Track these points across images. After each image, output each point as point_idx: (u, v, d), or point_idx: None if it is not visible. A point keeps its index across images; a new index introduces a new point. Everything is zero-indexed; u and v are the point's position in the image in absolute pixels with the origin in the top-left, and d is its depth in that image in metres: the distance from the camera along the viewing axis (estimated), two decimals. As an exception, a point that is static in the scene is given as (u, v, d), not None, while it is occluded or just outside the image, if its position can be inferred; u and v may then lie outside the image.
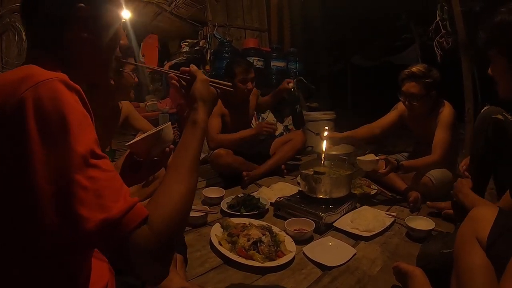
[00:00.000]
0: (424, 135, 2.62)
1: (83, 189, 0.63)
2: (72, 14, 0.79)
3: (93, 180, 0.65)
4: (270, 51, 5.42)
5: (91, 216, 0.62)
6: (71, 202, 0.62)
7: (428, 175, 2.40)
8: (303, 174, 2.33)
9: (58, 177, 0.63)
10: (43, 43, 0.81)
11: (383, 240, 1.97)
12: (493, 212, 1.14)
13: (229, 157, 2.97)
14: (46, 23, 0.80)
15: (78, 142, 0.65)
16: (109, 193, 0.66)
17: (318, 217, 2.07)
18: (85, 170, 0.64)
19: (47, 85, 0.65)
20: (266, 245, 1.74)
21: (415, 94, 2.44)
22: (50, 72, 0.70)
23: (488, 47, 1.34)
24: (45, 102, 0.64)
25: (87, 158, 0.65)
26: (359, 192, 2.64)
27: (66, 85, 0.68)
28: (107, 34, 0.87)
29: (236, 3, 6.09)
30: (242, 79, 3.08)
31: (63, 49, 0.82)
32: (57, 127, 0.64)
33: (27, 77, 0.66)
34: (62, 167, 0.63)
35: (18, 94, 0.64)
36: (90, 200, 0.63)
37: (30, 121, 0.62)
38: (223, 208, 2.36)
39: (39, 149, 0.62)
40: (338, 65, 8.08)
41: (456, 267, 1.15)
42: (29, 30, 0.83)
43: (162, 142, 1.09)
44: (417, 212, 2.34)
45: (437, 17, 3.60)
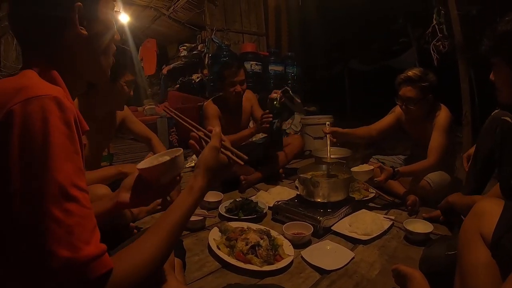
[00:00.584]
0: (421, 138, 2.63)
1: (56, 222, 0.61)
2: (71, 13, 0.79)
3: (68, 214, 0.62)
4: (268, 55, 5.45)
5: (58, 253, 0.60)
6: (41, 234, 0.60)
7: (426, 178, 2.40)
8: (301, 178, 2.33)
9: (32, 203, 0.61)
10: (38, 44, 0.80)
11: (381, 244, 1.97)
12: (498, 205, 1.09)
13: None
14: (43, 24, 0.79)
15: (59, 171, 0.63)
16: (81, 232, 0.64)
17: (316, 220, 2.07)
18: (61, 202, 0.62)
19: (38, 102, 0.64)
20: (264, 249, 1.74)
21: (412, 98, 2.45)
22: (46, 86, 0.69)
23: (491, 55, 1.35)
24: (32, 121, 0.62)
25: (65, 189, 0.63)
26: (357, 196, 2.65)
27: (59, 105, 0.66)
28: (103, 31, 0.88)
29: (234, 8, 6.11)
30: (230, 82, 3.07)
31: (60, 49, 0.81)
32: (40, 150, 0.62)
33: (22, 89, 0.65)
34: (38, 194, 0.61)
35: (8, 106, 0.62)
36: (61, 235, 0.61)
37: (14, 137, 0.61)
38: (221, 212, 2.35)
39: (17, 170, 0.60)
40: (335, 69, 8.09)
41: (459, 264, 1.13)
42: (22, 32, 0.82)
43: (172, 170, 1.08)
44: (415, 216, 2.34)
45: (433, 21, 3.62)
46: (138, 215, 2.27)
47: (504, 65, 1.30)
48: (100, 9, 0.86)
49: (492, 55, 1.35)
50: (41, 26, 0.79)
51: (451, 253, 1.31)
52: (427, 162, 2.39)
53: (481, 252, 1.05)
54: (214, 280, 1.62)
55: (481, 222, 1.08)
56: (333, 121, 4.48)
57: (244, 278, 1.63)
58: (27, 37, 0.82)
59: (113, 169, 1.99)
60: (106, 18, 0.88)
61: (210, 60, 5.27)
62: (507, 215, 1.04)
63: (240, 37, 6.15)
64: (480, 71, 3.71)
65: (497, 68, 1.36)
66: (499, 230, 1.02)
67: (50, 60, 0.80)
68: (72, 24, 0.80)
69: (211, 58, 5.25)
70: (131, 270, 0.70)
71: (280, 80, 5.39)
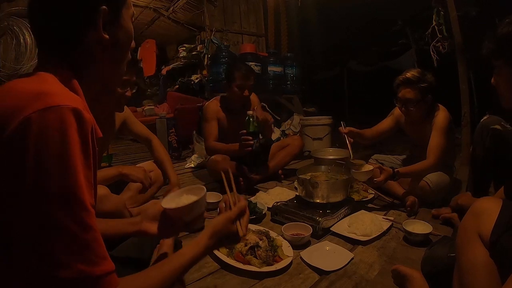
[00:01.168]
0: (420, 139, 2.63)
1: (72, 236, 0.61)
2: (95, 15, 0.79)
3: (85, 228, 0.63)
4: (267, 56, 5.44)
5: (71, 264, 0.60)
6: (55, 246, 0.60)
7: (425, 179, 2.40)
8: (301, 179, 2.33)
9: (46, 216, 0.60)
10: (58, 44, 0.79)
11: (381, 244, 1.97)
12: (497, 204, 1.08)
13: (226, 163, 2.97)
14: (66, 24, 0.78)
15: (76, 184, 0.62)
16: (98, 246, 0.65)
17: (316, 221, 2.07)
18: (78, 216, 0.62)
19: (57, 112, 0.62)
20: (264, 250, 1.74)
21: (411, 100, 2.45)
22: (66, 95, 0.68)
23: (493, 57, 1.34)
24: (50, 132, 0.61)
25: (83, 203, 0.63)
26: (356, 196, 2.65)
27: (77, 117, 0.65)
28: (124, 39, 0.88)
29: (234, 8, 6.11)
30: (240, 84, 3.03)
31: (80, 51, 0.81)
32: (57, 161, 0.61)
33: (41, 95, 0.64)
34: (54, 207, 0.60)
35: (26, 112, 0.61)
36: (76, 248, 0.61)
37: (30, 146, 0.60)
38: (220, 213, 2.34)
39: (32, 180, 0.59)
40: (334, 70, 8.10)
41: (457, 263, 1.13)
42: (41, 32, 0.81)
43: (196, 210, 1.14)
44: (414, 216, 2.34)
45: (433, 22, 3.63)
46: (136, 216, 2.27)
47: (507, 67, 1.29)
48: (123, 16, 0.87)
49: (494, 57, 1.33)
50: (63, 26, 0.78)
51: (453, 254, 1.30)
52: (427, 163, 2.39)
53: (479, 252, 1.04)
54: (213, 281, 1.61)
55: (479, 221, 1.08)
56: (332, 122, 4.50)
57: (243, 279, 1.63)
58: (47, 37, 0.80)
59: (113, 170, 1.99)
60: (128, 25, 0.89)
61: (210, 61, 5.26)
62: (505, 214, 1.04)
63: (239, 38, 6.15)
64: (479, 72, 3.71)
65: (499, 72, 1.34)
66: (497, 230, 1.01)
67: (67, 62, 0.79)
68: (95, 26, 0.80)
69: (210, 59, 5.25)
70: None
71: (279, 81, 5.39)
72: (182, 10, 6.09)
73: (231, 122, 3.23)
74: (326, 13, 6.63)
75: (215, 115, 3.16)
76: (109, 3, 0.80)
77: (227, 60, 4.90)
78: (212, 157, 3.02)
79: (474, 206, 1.14)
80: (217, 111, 3.18)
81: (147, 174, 2.05)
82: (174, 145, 4.63)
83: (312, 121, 4.57)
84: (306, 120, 4.68)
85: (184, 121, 4.94)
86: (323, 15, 6.69)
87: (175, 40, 7.74)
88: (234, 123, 3.23)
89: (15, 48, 4.75)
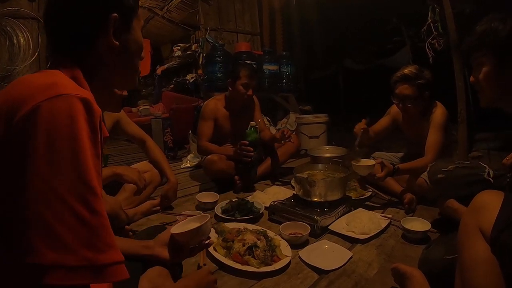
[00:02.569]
0: (417, 136, 2.62)
1: (81, 220, 0.60)
2: (106, 22, 0.83)
3: (94, 214, 0.62)
4: (262, 54, 5.43)
5: (78, 250, 0.59)
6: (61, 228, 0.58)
7: (423, 176, 2.39)
8: (298, 178, 2.31)
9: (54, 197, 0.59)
10: (70, 48, 0.83)
11: (379, 243, 1.96)
12: (498, 198, 1.07)
13: (222, 163, 2.95)
14: (78, 29, 0.82)
15: (86, 170, 0.62)
16: (106, 234, 0.64)
17: (313, 220, 2.06)
18: (87, 199, 0.62)
19: (67, 100, 0.63)
20: (262, 250, 1.72)
21: (409, 96, 2.44)
22: (76, 87, 0.70)
23: (473, 50, 1.36)
24: (60, 118, 0.62)
25: (93, 188, 0.63)
26: (354, 194, 2.64)
27: (86, 106, 0.66)
28: (133, 47, 0.92)
29: (228, 7, 6.10)
30: (245, 83, 3.04)
31: (91, 55, 0.84)
32: (68, 146, 0.61)
33: (52, 85, 0.65)
34: (64, 191, 0.60)
35: (36, 100, 0.62)
36: (84, 234, 0.60)
37: (40, 132, 0.60)
38: (217, 213, 2.33)
39: (43, 165, 0.59)
40: (330, 68, 8.09)
41: (459, 259, 1.12)
42: (54, 35, 0.84)
43: (200, 235, 1.28)
44: (412, 214, 2.33)
45: (428, 19, 3.63)
46: (133, 217, 2.25)
47: (485, 58, 1.31)
48: (133, 26, 0.91)
49: (474, 50, 1.35)
50: (76, 31, 0.82)
51: (449, 257, 1.29)
52: (425, 160, 2.38)
53: (480, 247, 1.03)
54: (211, 282, 1.60)
55: (480, 216, 1.07)
56: (328, 120, 4.49)
57: (242, 279, 1.62)
58: (60, 40, 0.84)
59: (107, 170, 1.97)
60: (138, 35, 0.93)
61: (205, 60, 5.24)
62: (506, 209, 1.02)
63: (234, 37, 6.13)
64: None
65: (479, 66, 1.35)
66: (499, 225, 1.00)
67: (79, 65, 0.82)
68: (106, 33, 0.83)
69: (205, 58, 5.22)
70: None
71: (275, 79, 5.37)
72: (177, 9, 6.07)
73: (231, 121, 3.22)
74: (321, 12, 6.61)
75: (213, 114, 3.15)
76: (120, 11, 0.85)
77: (222, 59, 4.88)
78: (208, 157, 3.00)
79: (475, 200, 1.14)
80: (216, 110, 3.17)
81: (141, 175, 2.03)
82: (170, 145, 4.62)
83: (308, 119, 4.56)
84: (302, 118, 4.67)
85: (180, 121, 4.92)
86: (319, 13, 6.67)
87: (169, 39, 7.72)
88: (234, 123, 3.22)
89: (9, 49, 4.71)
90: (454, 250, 1.21)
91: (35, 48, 4.70)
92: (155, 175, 2.49)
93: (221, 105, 3.21)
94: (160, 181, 2.56)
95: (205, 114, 3.14)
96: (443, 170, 1.97)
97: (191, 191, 3.07)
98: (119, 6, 0.85)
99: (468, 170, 1.91)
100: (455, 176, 1.92)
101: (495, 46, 1.27)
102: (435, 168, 2.04)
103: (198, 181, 3.40)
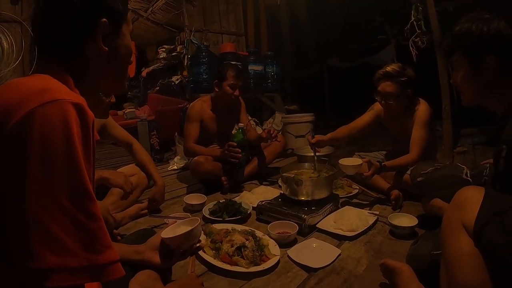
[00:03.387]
0: (402, 133, 2.65)
1: (79, 225, 0.61)
2: (95, 27, 0.82)
3: (91, 218, 0.63)
4: (247, 55, 5.42)
5: (78, 252, 0.60)
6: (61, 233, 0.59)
7: (409, 173, 2.42)
8: (284, 177, 2.32)
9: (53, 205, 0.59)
10: (58, 52, 0.81)
11: (367, 239, 1.98)
12: (479, 193, 1.09)
13: (209, 164, 2.94)
14: (66, 34, 0.80)
15: (83, 177, 0.63)
16: (103, 236, 0.65)
17: (301, 219, 2.07)
18: (84, 204, 0.63)
19: (60, 105, 0.63)
20: (250, 250, 1.72)
21: (391, 93, 2.47)
22: (69, 92, 0.69)
23: (451, 52, 1.38)
24: (53, 124, 0.61)
25: (88, 193, 0.64)
26: (341, 192, 2.65)
27: (79, 111, 0.65)
28: (123, 51, 0.90)
29: (213, 8, 6.08)
30: (232, 84, 3.04)
31: (80, 60, 0.83)
32: (63, 152, 0.61)
33: (44, 90, 0.65)
34: (62, 198, 0.60)
35: (29, 106, 0.61)
36: (83, 237, 0.61)
37: (35, 138, 0.60)
38: (205, 215, 2.32)
39: (38, 171, 0.59)
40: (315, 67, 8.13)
41: (443, 254, 1.14)
42: (42, 39, 0.82)
43: (191, 239, 1.27)
44: (399, 210, 2.36)
45: (412, 18, 3.66)
46: (121, 221, 2.23)
47: (464, 58, 1.33)
48: (123, 31, 0.90)
49: (452, 50, 1.37)
50: (64, 36, 0.81)
51: (436, 252, 1.32)
52: (411, 156, 2.41)
53: (464, 242, 1.05)
54: (200, 283, 1.59)
55: (462, 211, 1.08)
56: (314, 119, 4.50)
57: (232, 280, 1.61)
58: (49, 45, 0.82)
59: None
60: (127, 40, 0.91)
61: (189, 62, 5.22)
62: (487, 204, 1.04)
63: (219, 38, 6.12)
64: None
65: (457, 66, 1.38)
66: (481, 220, 1.02)
67: (68, 69, 0.81)
68: (95, 38, 0.82)
69: (190, 59, 5.20)
70: None
71: (260, 79, 5.38)
72: (161, 10, 6.02)
73: (217, 123, 3.21)
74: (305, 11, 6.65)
75: (198, 116, 3.14)
76: (109, 16, 0.83)
77: (208, 60, 4.86)
78: (195, 158, 2.99)
79: (457, 196, 1.15)
80: (202, 112, 3.16)
81: (127, 179, 2.01)
82: (156, 147, 4.58)
83: (294, 118, 4.57)
84: (288, 118, 4.68)
85: (166, 123, 4.89)
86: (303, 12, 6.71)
87: (154, 41, 7.66)
88: (220, 124, 3.22)
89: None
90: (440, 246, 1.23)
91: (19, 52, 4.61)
92: (142, 178, 2.47)
93: (207, 106, 3.20)
94: (147, 184, 2.55)
95: (191, 116, 3.13)
96: (423, 173, 2.03)
97: (179, 193, 3.05)
98: (108, 11, 0.84)
99: (447, 171, 1.96)
100: (434, 178, 1.98)
101: (468, 48, 1.30)
102: (416, 171, 2.10)
103: (185, 183, 3.38)
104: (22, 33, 0.84)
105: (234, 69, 3.09)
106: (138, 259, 1.21)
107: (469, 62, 1.31)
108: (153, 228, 2.12)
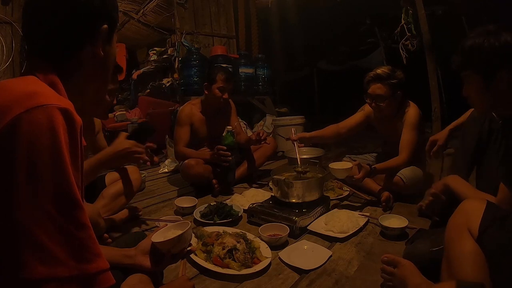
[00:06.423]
0: (391, 136, 2.67)
1: (68, 235, 0.61)
2: (96, 32, 0.82)
3: (79, 227, 0.63)
4: (238, 57, 5.42)
5: (67, 262, 0.60)
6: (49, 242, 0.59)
7: (399, 174, 2.44)
8: (275, 180, 2.32)
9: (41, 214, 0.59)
10: (51, 54, 0.80)
11: (358, 240, 1.99)
12: (482, 204, 1.18)
13: (200, 167, 2.93)
14: (67, 37, 0.80)
15: (71, 185, 0.62)
16: (92, 244, 0.65)
17: (292, 221, 2.07)
18: (72, 213, 0.62)
19: (46, 111, 0.62)
20: (242, 253, 1.72)
21: (381, 96, 2.48)
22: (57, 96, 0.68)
23: (462, 69, 1.40)
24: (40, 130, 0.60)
25: (77, 201, 0.63)
26: (332, 194, 2.66)
27: (66, 116, 0.65)
28: (112, 56, 0.91)
29: (204, 11, 6.06)
30: (221, 87, 3.04)
31: (72, 62, 0.82)
32: (49, 160, 0.60)
33: (31, 95, 0.64)
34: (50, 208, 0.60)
35: (16, 111, 0.60)
36: (72, 247, 0.61)
37: (21, 145, 0.59)
38: (196, 218, 2.32)
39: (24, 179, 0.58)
40: (305, 70, 8.17)
41: (447, 256, 1.19)
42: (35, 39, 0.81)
43: (181, 244, 1.27)
44: (389, 211, 2.37)
45: (402, 21, 3.70)
46: (111, 225, 2.21)
47: (475, 75, 1.36)
48: (114, 38, 0.91)
49: (463, 68, 1.40)
50: (65, 39, 0.80)
51: (435, 249, 1.36)
52: (401, 159, 2.43)
53: (468, 243, 1.12)
54: (191, 286, 1.59)
55: (469, 218, 1.16)
56: (304, 121, 4.52)
57: (223, 283, 1.61)
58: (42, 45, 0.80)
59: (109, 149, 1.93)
60: (115, 47, 0.92)
61: (180, 64, 5.20)
62: (489, 212, 1.14)
63: (210, 40, 6.10)
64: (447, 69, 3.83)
65: (468, 82, 1.41)
66: (484, 223, 1.11)
67: (57, 71, 0.79)
68: (94, 43, 0.83)
69: (181, 62, 5.18)
70: None
71: (251, 82, 5.38)
72: (152, 13, 5.99)
73: (207, 125, 3.21)
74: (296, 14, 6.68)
75: (188, 119, 3.13)
76: (109, 22, 0.85)
77: (198, 63, 4.85)
78: (185, 161, 2.98)
79: (463, 205, 1.23)
80: (192, 115, 3.15)
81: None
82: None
83: (284, 121, 4.59)
84: (278, 120, 4.70)
85: (157, 125, 4.86)
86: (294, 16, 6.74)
87: (145, 43, 7.62)
88: (210, 127, 3.22)
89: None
90: (438, 243, 1.33)
91: (9, 54, 4.62)
92: (135, 181, 2.45)
93: (196, 109, 3.20)
94: (139, 186, 2.53)
95: (181, 120, 3.13)
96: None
97: (170, 196, 3.03)
98: (108, 17, 0.85)
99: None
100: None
101: (479, 64, 1.33)
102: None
103: (176, 186, 3.37)
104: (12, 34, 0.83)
105: (224, 72, 3.08)
106: (129, 263, 1.21)
107: (481, 78, 1.34)
108: (144, 231, 2.11)
